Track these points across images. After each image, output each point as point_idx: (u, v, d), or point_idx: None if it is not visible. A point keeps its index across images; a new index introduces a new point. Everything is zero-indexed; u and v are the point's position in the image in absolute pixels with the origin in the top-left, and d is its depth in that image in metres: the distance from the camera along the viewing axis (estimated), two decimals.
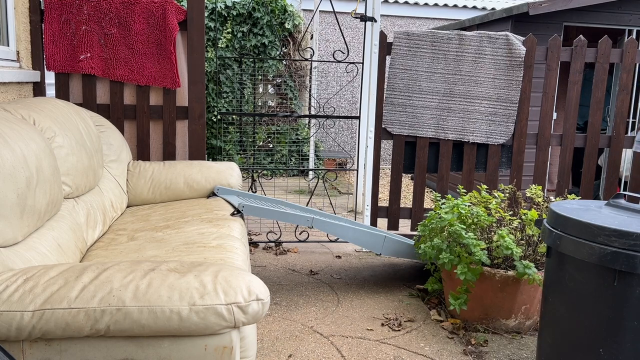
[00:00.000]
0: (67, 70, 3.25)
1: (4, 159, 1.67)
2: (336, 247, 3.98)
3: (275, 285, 3.16)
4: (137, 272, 1.46)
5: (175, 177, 3.09)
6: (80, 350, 1.40)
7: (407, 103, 3.71)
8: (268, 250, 3.85)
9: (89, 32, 3.23)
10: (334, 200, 5.76)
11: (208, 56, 6.70)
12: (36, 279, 1.42)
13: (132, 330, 1.38)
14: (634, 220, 1.77)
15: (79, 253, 2.15)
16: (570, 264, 1.83)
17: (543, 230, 1.97)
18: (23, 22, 3.08)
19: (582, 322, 1.81)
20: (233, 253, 2.12)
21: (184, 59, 3.38)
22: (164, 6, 3.24)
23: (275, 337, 2.50)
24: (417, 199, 3.86)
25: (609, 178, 3.87)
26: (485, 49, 3.60)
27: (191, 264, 1.54)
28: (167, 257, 2.04)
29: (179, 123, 3.45)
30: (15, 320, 1.34)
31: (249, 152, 6.95)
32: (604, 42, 3.67)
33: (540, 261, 2.61)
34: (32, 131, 1.97)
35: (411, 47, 3.66)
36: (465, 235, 2.55)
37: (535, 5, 4.94)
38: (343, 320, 2.71)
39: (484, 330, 2.62)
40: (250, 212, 2.77)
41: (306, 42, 6.96)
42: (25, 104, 2.28)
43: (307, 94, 7.10)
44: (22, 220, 1.73)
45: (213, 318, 1.39)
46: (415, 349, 2.44)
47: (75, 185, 2.35)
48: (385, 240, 3.01)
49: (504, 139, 3.73)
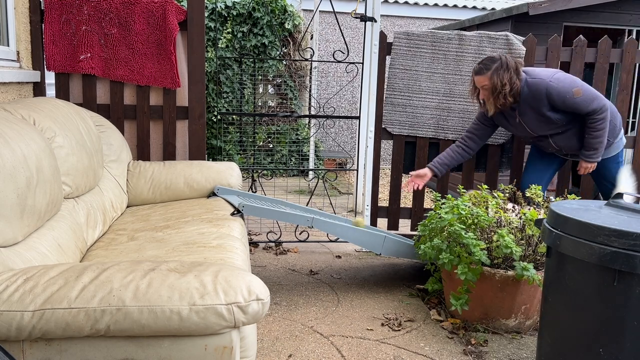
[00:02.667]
0: (67, 70, 3.25)
1: (4, 159, 1.67)
2: (336, 247, 3.98)
3: (275, 285, 3.16)
4: (137, 272, 1.46)
5: (175, 177, 3.09)
6: (81, 350, 1.41)
7: (407, 103, 3.71)
8: (268, 250, 3.85)
9: (89, 32, 3.23)
10: (334, 200, 5.76)
11: (208, 56, 6.70)
12: (36, 278, 1.42)
13: (132, 330, 1.38)
14: (634, 220, 1.77)
15: (79, 253, 2.15)
16: (570, 264, 1.83)
17: (543, 230, 1.97)
18: (23, 22, 3.08)
19: (582, 322, 1.81)
20: (233, 253, 2.12)
21: (184, 59, 3.38)
22: (164, 6, 3.24)
23: (275, 337, 2.50)
24: (417, 199, 3.86)
25: None
26: (485, 49, 3.60)
27: (191, 264, 1.54)
28: (167, 257, 2.04)
29: (179, 123, 3.45)
30: (15, 320, 1.34)
31: (249, 152, 6.95)
32: (604, 42, 3.67)
33: (540, 261, 2.61)
34: (32, 131, 1.97)
35: (411, 47, 3.67)
36: (465, 235, 2.55)
37: (535, 5, 4.95)
38: (343, 320, 2.71)
39: (483, 330, 2.62)
40: (251, 212, 2.77)
41: (306, 42, 6.96)
42: (25, 104, 2.28)
43: (307, 94, 7.10)
44: (22, 220, 1.73)
45: (213, 318, 1.39)
46: (415, 349, 2.44)
47: (76, 185, 2.35)
48: (385, 241, 3.01)
49: (504, 139, 3.73)
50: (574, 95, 2.93)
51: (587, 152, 3.09)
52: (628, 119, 5.40)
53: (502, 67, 2.95)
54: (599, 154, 3.08)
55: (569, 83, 2.95)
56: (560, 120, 3.04)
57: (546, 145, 3.25)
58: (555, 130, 3.10)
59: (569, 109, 2.98)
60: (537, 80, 2.98)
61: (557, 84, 2.95)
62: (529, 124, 3.11)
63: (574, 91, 2.93)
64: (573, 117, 3.06)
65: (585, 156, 3.10)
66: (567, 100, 2.94)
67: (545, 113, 3.01)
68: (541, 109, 3.01)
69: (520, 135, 3.28)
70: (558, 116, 3.02)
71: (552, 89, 2.94)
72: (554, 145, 3.20)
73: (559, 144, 3.17)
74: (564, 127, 3.09)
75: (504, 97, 2.97)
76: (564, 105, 2.96)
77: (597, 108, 2.96)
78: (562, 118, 3.03)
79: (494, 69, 2.96)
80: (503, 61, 2.96)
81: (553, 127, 3.08)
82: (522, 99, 3.02)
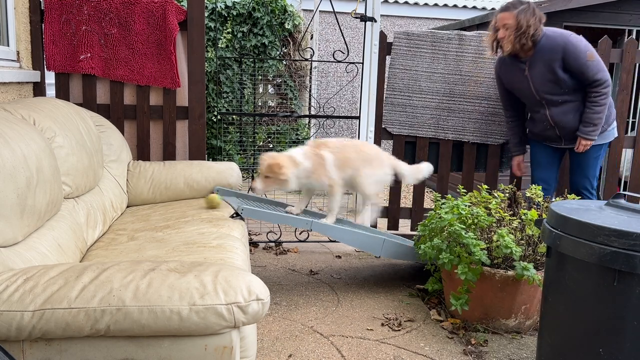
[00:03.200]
0: (67, 70, 3.25)
1: (5, 159, 1.67)
2: (336, 247, 3.98)
3: (275, 285, 3.16)
4: (137, 272, 1.46)
5: (175, 177, 3.09)
6: (81, 350, 1.41)
7: (407, 103, 3.71)
8: (268, 250, 3.85)
9: (89, 32, 3.23)
10: None
11: (208, 56, 6.70)
12: (36, 278, 1.42)
13: (132, 330, 1.38)
14: (634, 220, 1.77)
15: (79, 253, 2.15)
16: (570, 264, 1.83)
17: (543, 230, 1.97)
18: (23, 22, 3.08)
19: (582, 322, 1.81)
20: (233, 253, 2.12)
21: (184, 59, 3.38)
22: (164, 6, 3.24)
23: (275, 337, 2.50)
24: (417, 199, 3.86)
25: (609, 178, 3.87)
26: (485, 48, 3.60)
27: (191, 264, 1.54)
28: (167, 257, 2.04)
29: (179, 123, 3.45)
30: (15, 320, 1.34)
31: (249, 152, 6.95)
32: (604, 42, 3.67)
33: (540, 261, 2.61)
34: (32, 131, 1.97)
35: (411, 47, 3.67)
36: (465, 235, 2.55)
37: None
38: (343, 320, 2.71)
39: (483, 330, 2.62)
40: (250, 215, 2.77)
41: (306, 42, 6.96)
42: (25, 104, 2.28)
43: (307, 94, 7.10)
44: (22, 220, 1.73)
45: (213, 318, 1.39)
46: (415, 349, 2.44)
47: (76, 185, 2.35)
48: (385, 243, 3.00)
49: (504, 139, 3.73)
50: (587, 57, 3.00)
51: (586, 129, 3.12)
52: (628, 119, 5.39)
53: (529, 10, 3.04)
54: (597, 132, 3.12)
55: (584, 45, 3.04)
56: (565, 84, 3.08)
57: (541, 119, 3.27)
58: (556, 96, 3.14)
59: (578, 70, 3.03)
60: (557, 34, 3.06)
61: (576, 40, 3.03)
62: (535, 80, 3.14)
63: (587, 54, 3.01)
64: (576, 87, 3.10)
65: (584, 133, 3.13)
66: (580, 59, 3.00)
67: (555, 69, 3.05)
68: (553, 63, 3.05)
69: (521, 96, 3.31)
70: (565, 77, 3.06)
71: (570, 44, 3.01)
72: (550, 120, 3.22)
73: (554, 118, 3.19)
74: (564, 96, 3.13)
75: (525, 38, 3.02)
76: (575, 64, 3.01)
77: (602, 80, 3.03)
78: (567, 81, 3.07)
79: (522, 9, 3.04)
80: (531, 6, 3.06)
81: (555, 91, 3.12)
82: (537, 49, 3.07)
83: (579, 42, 3.04)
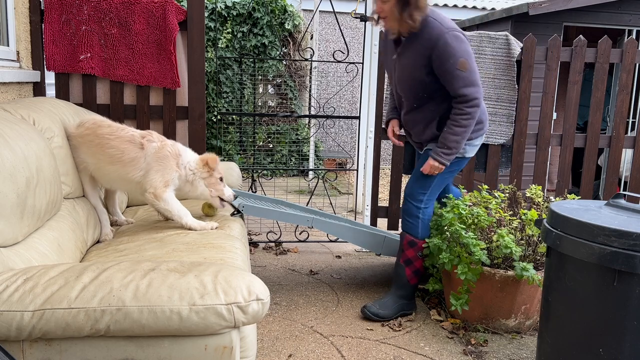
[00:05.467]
0: (67, 70, 3.25)
1: (4, 159, 1.67)
2: (336, 247, 3.98)
3: (275, 285, 3.16)
4: (137, 272, 1.46)
5: None
6: (81, 350, 1.40)
7: None
8: (268, 250, 3.85)
9: (89, 32, 3.23)
10: (334, 200, 5.76)
11: (208, 56, 6.70)
12: (36, 279, 1.42)
13: (132, 330, 1.38)
14: (634, 220, 1.77)
15: (79, 253, 2.15)
16: (570, 264, 1.83)
17: (543, 230, 1.97)
18: (23, 22, 3.08)
19: (582, 322, 1.81)
20: (233, 253, 2.12)
21: (184, 59, 3.38)
22: (164, 6, 3.24)
23: (275, 337, 2.50)
24: None
25: (609, 178, 3.88)
26: (485, 49, 3.60)
27: (191, 264, 1.54)
28: (167, 257, 2.04)
29: (179, 123, 3.45)
30: (15, 320, 1.34)
31: (249, 152, 6.95)
32: (604, 42, 3.67)
33: (540, 261, 2.61)
34: (32, 131, 1.98)
35: None
36: (465, 235, 2.55)
37: (535, 5, 4.94)
38: (343, 320, 2.71)
39: (483, 330, 2.62)
40: (251, 212, 2.77)
41: (306, 42, 6.96)
42: (25, 104, 2.28)
43: (307, 94, 7.10)
44: (22, 220, 1.73)
45: (213, 318, 1.39)
46: (415, 349, 2.44)
47: (75, 186, 2.35)
48: (385, 241, 3.01)
49: (504, 139, 3.73)
50: (458, 65, 2.46)
51: (438, 149, 2.59)
52: (628, 119, 5.40)
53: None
54: (450, 157, 2.58)
55: (462, 50, 2.47)
56: (426, 88, 2.58)
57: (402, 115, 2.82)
58: (412, 99, 2.65)
59: (442, 76, 2.51)
60: (437, 24, 2.48)
61: (452, 40, 2.46)
62: (399, 71, 2.65)
63: (460, 61, 2.46)
64: (441, 98, 2.60)
65: (435, 153, 2.59)
66: (448, 65, 2.46)
67: (420, 66, 2.54)
68: (421, 59, 2.53)
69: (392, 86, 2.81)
70: (428, 79, 2.56)
71: (443, 42, 2.45)
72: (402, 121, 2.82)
73: (406, 119, 2.76)
74: (422, 101, 2.64)
75: (409, 15, 2.46)
76: (440, 68, 2.49)
77: (469, 97, 2.49)
78: (430, 85, 2.57)
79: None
80: None
81: (414, 92, 2.62)
82: (412, 35, 2.54)
83: (456, 43, 2.46)
